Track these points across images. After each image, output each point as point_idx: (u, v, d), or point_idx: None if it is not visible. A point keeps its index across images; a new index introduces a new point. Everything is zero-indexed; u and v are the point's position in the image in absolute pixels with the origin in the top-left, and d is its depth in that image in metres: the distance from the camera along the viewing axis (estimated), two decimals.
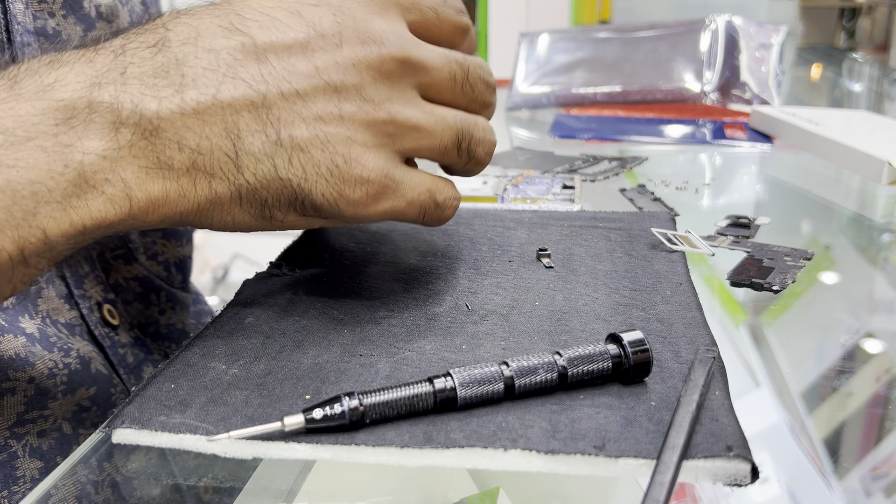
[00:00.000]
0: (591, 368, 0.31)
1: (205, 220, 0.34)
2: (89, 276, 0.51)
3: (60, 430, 0.45)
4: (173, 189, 0.32)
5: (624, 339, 0.31)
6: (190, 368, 0.34)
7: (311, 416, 0.28)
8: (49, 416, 0.45)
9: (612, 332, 0.32)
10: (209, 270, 1.86)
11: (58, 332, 0.47)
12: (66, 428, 0.45)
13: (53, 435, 0.45)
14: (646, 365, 0.31)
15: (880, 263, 0.58)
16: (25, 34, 0.46)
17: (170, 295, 0.59)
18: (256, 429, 0.29)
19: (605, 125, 0.94)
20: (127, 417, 0.30)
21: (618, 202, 0.63)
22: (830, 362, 0.43)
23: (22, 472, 0.43)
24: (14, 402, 0.43)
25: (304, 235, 0.51)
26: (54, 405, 0.45)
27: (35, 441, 0.44)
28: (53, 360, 0.45)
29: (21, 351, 0.43)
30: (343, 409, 0.29)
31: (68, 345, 0.46)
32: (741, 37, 1.04)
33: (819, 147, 0.76)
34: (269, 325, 0.38)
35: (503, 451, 0.28)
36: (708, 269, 0.49)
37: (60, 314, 0.48)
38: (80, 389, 0.46)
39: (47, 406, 0.44)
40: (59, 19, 0.48)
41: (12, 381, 0.43)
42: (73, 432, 0.46)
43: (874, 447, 0.36)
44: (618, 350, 0.31)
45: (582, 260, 0.46)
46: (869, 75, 1.47)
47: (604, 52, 1.06)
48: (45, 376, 0.44)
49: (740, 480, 0.27)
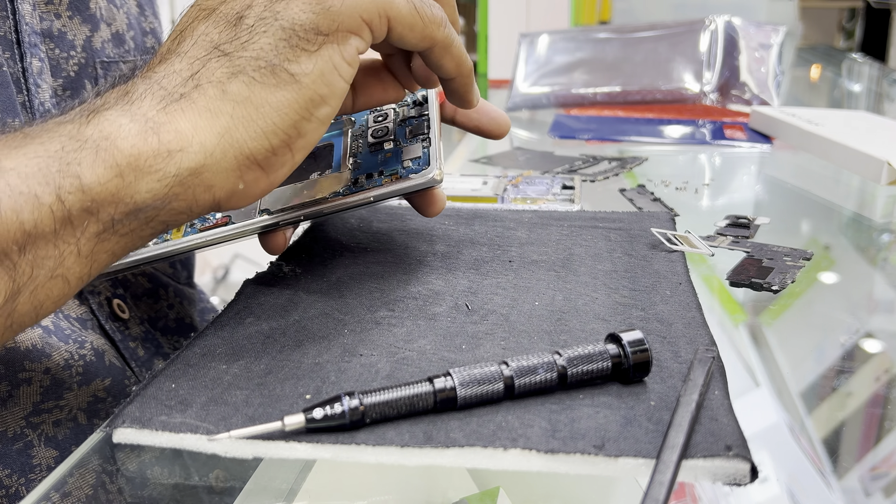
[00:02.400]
0: (590, 368, 0.31)
1: None
2: None
3: (76, 420, 0.46)
4: None
5: (623, 338, 0.31)
6: (190, 368, 0.34)
7: (311, 415, 0.29)
8: (65, 407, 0.45)
9: (612, 332, 0.32)
10: (210, 270, 1.86)
11: (71, 326, 0.47)
12: (81, 418, 0.46)
13: (69, 425, 0.46)
14: (645, 365, 0.31)
15: (880, 263, 0.58)
16: (33, 35, 0.46)
17: (177, 291, 0.59)
18: (257, 428, 0.29)
19: (604, 125, 0.94)
20: (127, 417, 0.30)
21: (618, 202, 0.63)
22: (830, 362, 0.43)
23: (38, 461, 0.44)
24: (30, 392, 0.44)
25: (304, 235, 0.51)
26: (70, 395, 0.46)
27: (51, 430, 0.45)
28: (69, 352, 0.46)
29: (38, 342, 0.44)
30: (343, 408, 0.29)
31: (82, 337, 0.47)
32: (741, 37, 1.04)
33: (819, 147, 0.76)
34: (269, 325, 0.38)
35: (503, 451, 0.28)
36: (707, 269, 0.49)
37: (71, 309, 0.49)
38: (96, 380, 0.47)
39: (63, 396, 0.45)
40: (64, 20, 0.49)
41: (28, 371, 0.43)
42: (88, 422, 0.47)
43: (874, 447, 0.36)
44: (617, 350, 0.31)
45: (582, 260, 0.46)
46: (869, 75, 1.47)
47: (604, 53, 1.06)
48: (60, 367, 0.45)
49: (739, 480, 0.27)
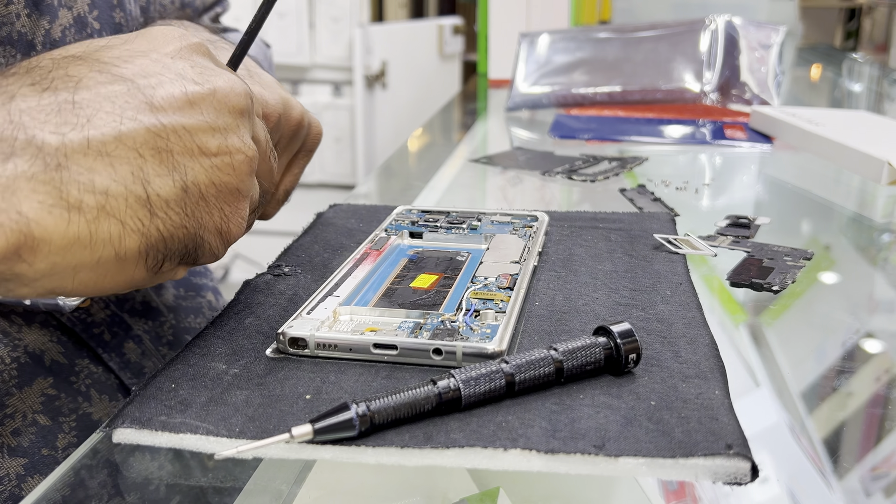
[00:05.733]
0: (585, 360, 0.31)
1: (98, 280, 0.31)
2: None
3: (37, 424, 0.45)
4: (76, 233, 0.28)
5: (613, 330, 0.32)
6: (190, 368, 0.34)
7: (319, 426, 0.28)
8: (15, 414, 0.44)
9: (601, 325, 0.33)
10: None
11: (7, 328, 0.45)
12: (42, 420, 0.45)
13: (31, 430, 0.44)
14: (634, 353, 0.32)
15: (880, 263, 0.58)
16: None
17: None
18: (264, 442, 0.28)
19: (605, 125, 0.94)
20: (127, 417, 0.30)
21: (618, 202, 0.63)
22: (830, 362, 0.43)
23: (5, 471, 0.43)
24: None
25: (303, 235, 0.51)
26: (13, 401, 0.44)
27: (11, 441, 0.43)
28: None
29: None
30: (352, 416, 0.28)
31: (15, 341, 0.45)
32: (741, 37, 1.04)
33: (819, 147, 0.76)
34: (269, 325, 0.38)
35: (503, 451, 0.28)
36: (708, 269, 0.49)
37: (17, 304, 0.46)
38: (38, 380, 0.45)
39: (6, 404, 0.44)
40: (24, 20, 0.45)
41: None
42: (53, 422, 0.45)
43: (874, 447, 0.36)
44: (608, 341, 0.32)
45: (582, 260, 0.46)
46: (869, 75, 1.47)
47: (604, 53, 1.06)
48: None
49: (740, 479, 0.27)
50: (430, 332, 0.35)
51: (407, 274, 0.43)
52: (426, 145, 1.01)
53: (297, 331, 0.35)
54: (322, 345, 0.35)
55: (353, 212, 0.56)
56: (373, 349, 0.34)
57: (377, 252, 0.45)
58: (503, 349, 0.33)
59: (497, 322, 0.36)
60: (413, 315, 0.37)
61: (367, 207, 0.57)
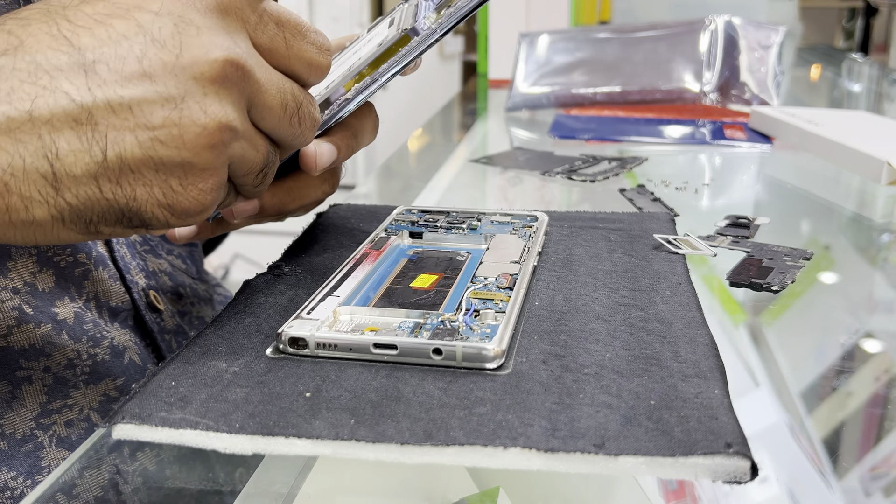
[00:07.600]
0: None
1: (27, 238, 0.32)
2: (132, 262, 0.52)
3: (89, 421, 0.45)
4: None
5: None
6: (190, 366, 0.34)
7: None
8: (74, 406, 0.45)
9: None
10: (209, 270, 1.86)
11: (95, 319, 0.47)
12: (94, 418, 0.46)
13: (82, 425, 0.45)
14: None
15: (880, 263, 0.58)
16: None
17: (192, 288, 0.59)
18: None
19: (604, 125, 0.94)
20: (127, 413, 0.30)
21: (618, 202, 0.64)
22: (830, 362, 0.44)
23: (47, 462, 0.43)
24: (33, 391, 0.43)
25: (304, 235, 0.51)
26: (77, 395, 0.45)
27: (63, 431, 0.44)
28: (76, 351, 0.45)
29: (38, 342, 0.44)
30: None
31: (101, 333, 0.47)
32: (740, 37, 1.04)
33: (819, 147, 0.76)
34: (269, 325, 0.38)
35: (503, 450, 0.28)
36: (707, 269, 0.49)
37: (111, 296, 0.48)
38: (106, 380, 0.47)
39: (70, 395, 0.45)
40: None
41: (26, 369, 0.43)
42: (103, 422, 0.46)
43: (874, 447, 0.36)
44: None
45: (582, 260, 0.46)
46: (869, 75, 1.47)
47: (603, 53, 1.06)
48: (63, 366, 0.45)
49: (740, 478, 0.27)
50: (430, 332, 0.35)
51: (407, 274, 0.43)
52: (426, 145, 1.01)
53: (297, 331, 0.35)
54: (322, 344, 0.35)
55: (353, 212, 0.56)
56: (373, 349, 0.34)
57: (377, 252, 0.45)
58: (503, 349, 0.33)
59: (497, 322, 0.36)
60: (413, 315, 0.37)
61: (367, 207, 0.57)
